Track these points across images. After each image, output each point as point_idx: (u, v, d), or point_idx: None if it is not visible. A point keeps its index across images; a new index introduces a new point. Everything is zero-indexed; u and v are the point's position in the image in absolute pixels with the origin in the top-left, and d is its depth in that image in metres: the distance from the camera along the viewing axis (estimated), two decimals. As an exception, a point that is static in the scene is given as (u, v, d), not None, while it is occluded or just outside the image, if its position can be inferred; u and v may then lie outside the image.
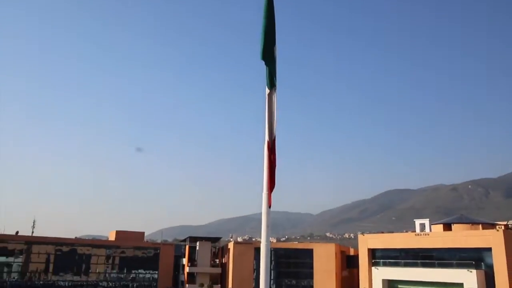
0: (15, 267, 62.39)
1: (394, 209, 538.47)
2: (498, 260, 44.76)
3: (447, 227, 54.88)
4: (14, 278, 61.65)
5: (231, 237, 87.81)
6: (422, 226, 56.72)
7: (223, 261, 72.27)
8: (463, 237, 49.84)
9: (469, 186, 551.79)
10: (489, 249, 46.08)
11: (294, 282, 66.77)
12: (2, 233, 62.13)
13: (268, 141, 26.59)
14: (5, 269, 61.75)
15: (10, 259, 62.05)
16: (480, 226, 52.76)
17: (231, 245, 70.42)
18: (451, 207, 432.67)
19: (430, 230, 55.30)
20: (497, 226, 50.23)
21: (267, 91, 25.61)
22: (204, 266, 70.63)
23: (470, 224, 54.33)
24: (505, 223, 52.12)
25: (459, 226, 54.41)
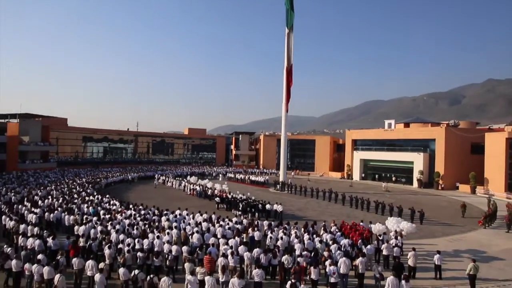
0: (129, 150, 66.64)
1: (371, 114, 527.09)
2: (439, 147, 44.20)
3: (407, 125, 53.60)
4: (129, 156, 66.24)
5: (262, 132, 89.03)
6: (389, 125, 55.64)
7: (257, 147, 74.21)
8: (417, 132, 48.79)
9: (424, 98, 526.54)
10: (434, 140, 45.25)
11: (302, 160, 68.72)
12: (118, 129, 65.22)
13: (286, 67, 25.86)
14: (123, 152, 66.13)
15: (126, 145, 65.97)
16: (430, 124, 51.22)
17: (262, 137, 71.69)
18: (410, 112, 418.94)
19: (395, 127, 54.27)
20: (441, 124, 48.68)
21: (287, 30, 24.11)
22: (245, 150, 72.97)
23: (423, 123, 52.80)
24: (447, 122, 50.37)
25: (415, 124, 52.99)
